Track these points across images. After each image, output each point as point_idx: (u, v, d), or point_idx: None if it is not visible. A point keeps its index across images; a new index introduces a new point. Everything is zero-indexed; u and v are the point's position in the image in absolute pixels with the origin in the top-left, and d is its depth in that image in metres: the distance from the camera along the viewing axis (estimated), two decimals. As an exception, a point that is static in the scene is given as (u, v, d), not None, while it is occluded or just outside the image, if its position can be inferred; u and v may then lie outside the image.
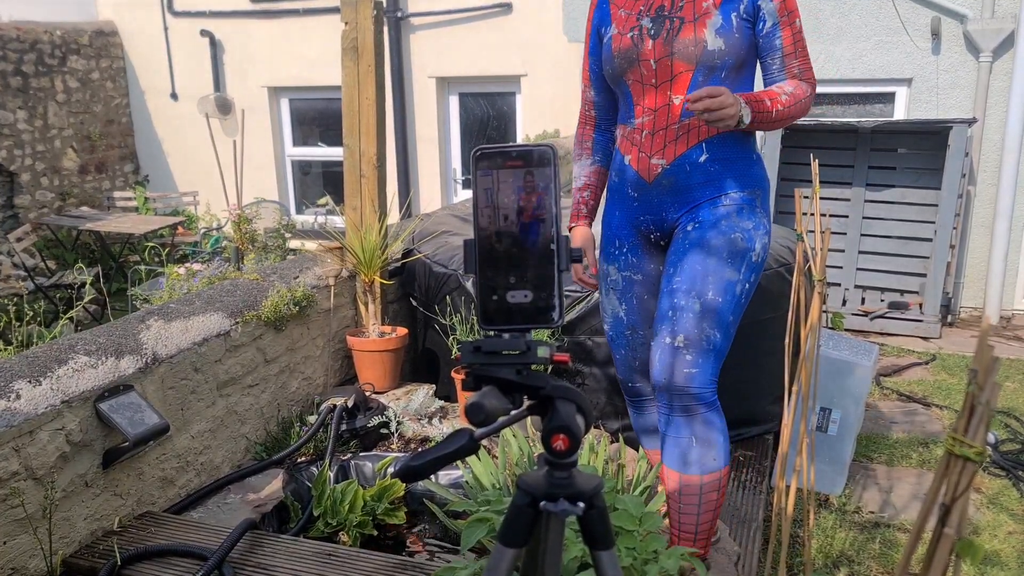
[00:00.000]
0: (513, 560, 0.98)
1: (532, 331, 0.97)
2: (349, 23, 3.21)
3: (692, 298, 1.87)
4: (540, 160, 0.96)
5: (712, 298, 1.87)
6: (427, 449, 0.97)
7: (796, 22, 1.93)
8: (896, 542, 2.74)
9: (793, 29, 1.91)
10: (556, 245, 0.96)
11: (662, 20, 1.90)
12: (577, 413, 0.95)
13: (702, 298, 1.86)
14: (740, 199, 1.94)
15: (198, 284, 3.32)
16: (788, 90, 1.87)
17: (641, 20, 1.93)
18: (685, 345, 1.86)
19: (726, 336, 1.91)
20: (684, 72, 1.88)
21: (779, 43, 1.91)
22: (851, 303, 5.54)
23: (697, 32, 1.86)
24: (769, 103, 1.83)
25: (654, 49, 1.90)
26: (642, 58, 1.91)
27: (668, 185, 1.95)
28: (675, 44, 1.88)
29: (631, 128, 1.99)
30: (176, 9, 7.79)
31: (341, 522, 2.43)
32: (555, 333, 3.04)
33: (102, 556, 2.15)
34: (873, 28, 5.57)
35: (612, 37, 1.97)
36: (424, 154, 7.36)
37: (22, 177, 7.28)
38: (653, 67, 1.91)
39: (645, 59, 1.91)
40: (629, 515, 1.67)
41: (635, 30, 1.93)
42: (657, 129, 1.93)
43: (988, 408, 0.97)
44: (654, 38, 1.90)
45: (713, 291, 1.87)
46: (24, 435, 2.04)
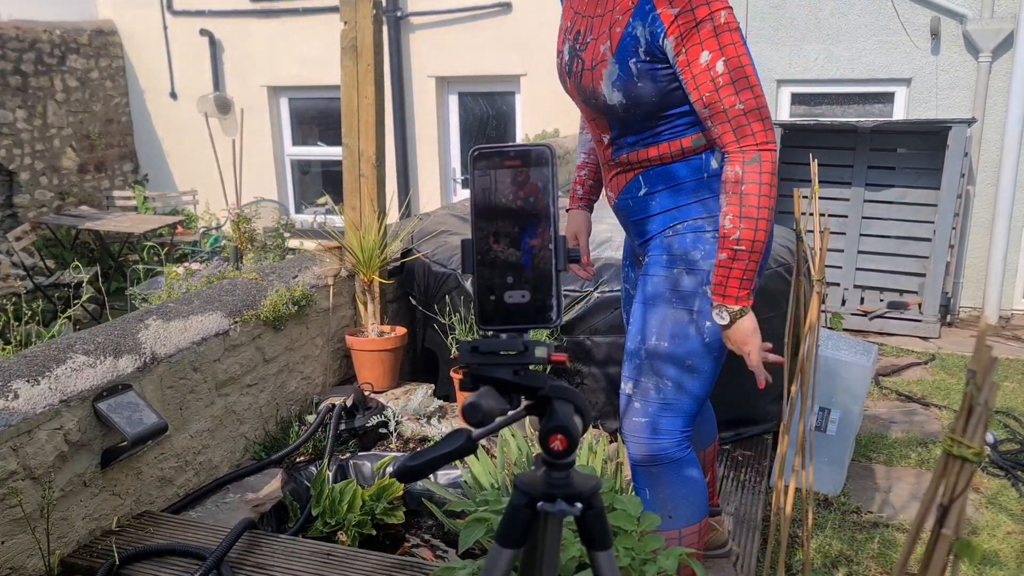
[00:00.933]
0: (511, 560, 0.98)
1: (530, 331, 0.97)
2: (348, 22, 3.21)
3: (638, 343, 1.71)
4: (538, 160, 0.96)
5: (655, 343, 1.68)
6: (425, 449, 0.96)
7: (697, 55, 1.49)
8: (895, 542, 2.74)
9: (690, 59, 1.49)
10: (554, 245, 0.96)
11: (574, 56, 1.68)
12: (575, 413, 0.94)
13: (646, 343, 1.69)
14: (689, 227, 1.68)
15: (197, 283, 3.32)
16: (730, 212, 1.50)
17: (564, 45, 1.72)
18: (633, 394, 1.72)
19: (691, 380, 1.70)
20: (600, 117, 1.69)
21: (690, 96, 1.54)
22: (850, 303, 5.54)
23: (595, 83, 1.61)
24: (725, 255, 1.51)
25: (572, 88, 1.72)
26: (568, 92, 1.76)
27: (623, 217, 1.82)
28: (581, 91, 1.67)
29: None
30: (175, 8, 7.79)
31: (340, 522, 2.43)
32: (553, 333, 3.04)
33: (100, 556, 2.15)
34: (872, 28, 5.57)
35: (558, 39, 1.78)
36: (423, 154, 7.36)
37: (21, 176, 7.28)
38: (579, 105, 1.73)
39: (570, 94, 1.75)
40: (627, 515, 1.67)
41: (561, 56, 1.73)
42: (602, 162, 1.80)
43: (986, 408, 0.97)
44: (569, 76, 1.71)
45: (657, 335, 1.68)
46: (22, 434, 2.04)
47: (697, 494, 1.77)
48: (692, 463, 1.77)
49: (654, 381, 1.70)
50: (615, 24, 1.57)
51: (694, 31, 1.48)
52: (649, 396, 1.70)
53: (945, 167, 5.09)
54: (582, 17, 1.67)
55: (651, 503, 1.76)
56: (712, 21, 1.48)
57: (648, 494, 1.76)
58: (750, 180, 1.49)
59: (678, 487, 1.75)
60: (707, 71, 1.49)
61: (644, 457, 1.73)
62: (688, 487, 1.75)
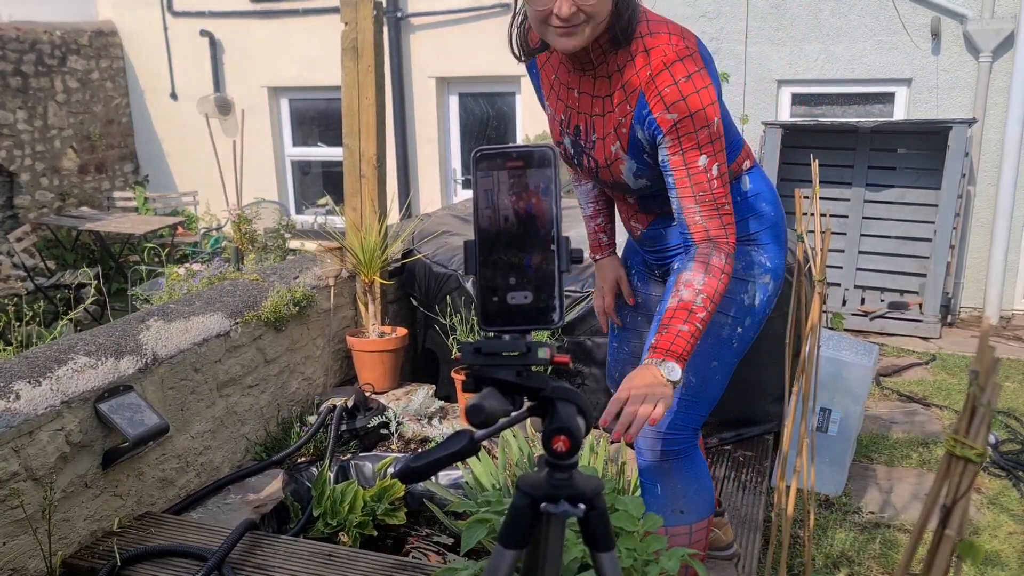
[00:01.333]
0: (513, 561, 0.98)
1: (532, 332, 0.97)
2: (349, 23, 3.21)
3: None
4: (540, 161, 0.96)
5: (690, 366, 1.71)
6: (427, 450, 0.96)
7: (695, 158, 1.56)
8: (896, 542, 2.74)
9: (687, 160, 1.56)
10: (556, 246, 0.96)
11: (580, 152, 1.74)
12: (577, 414, 0.94)
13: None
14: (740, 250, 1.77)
15: (198, 284, 3.32)
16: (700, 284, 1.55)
17: (564, 137, 1.77)
18: None
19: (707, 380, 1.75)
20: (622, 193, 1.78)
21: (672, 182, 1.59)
22: (851, 303, 5.54)
23: (615, 176, 1.70)
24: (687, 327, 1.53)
25: (584, 175, 1.83)
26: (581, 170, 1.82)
27: (651, 244, 1.90)
28: (600, 181, 1.77)
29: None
30: (176, 9, 7.79)
31: (341, 522, 2.43)
32: (555, 334, 3.04)
33: (102, 557, 2.15)
34: (873, 28, 5.57)
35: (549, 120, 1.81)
36: (424, 154, 7.36)
37: (22, 177, 7.28)
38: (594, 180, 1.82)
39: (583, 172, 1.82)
40: (630, 516, 1.67)
41: (562, 145, 1.78)
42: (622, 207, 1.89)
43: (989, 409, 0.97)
44: (579, 165, 1.78)
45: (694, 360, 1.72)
46: (24, 436, 2.04)
47: (706, 490, 1.80)
48: (701, 460, 1.80)
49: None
50: (620, 126, 1.63)
51: (692, 135, 1.55)
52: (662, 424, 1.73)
53: (945, 167, 5.09)
54: (576, 113, 1.70)
55: (662, 499, 1.77)
56: (708, 128, 1.55)
57: (659, 490, 1.77)
58: (717, 269, 1.57)
59: (690, 482, 1.76)
60: (703, 172, 1.57)
61: (657, 453, 1.75)
62: (699, 483, 1.78)
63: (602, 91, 1.64)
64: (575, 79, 1.68)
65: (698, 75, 1.54)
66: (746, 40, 5.85)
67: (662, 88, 1.54)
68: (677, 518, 1.76)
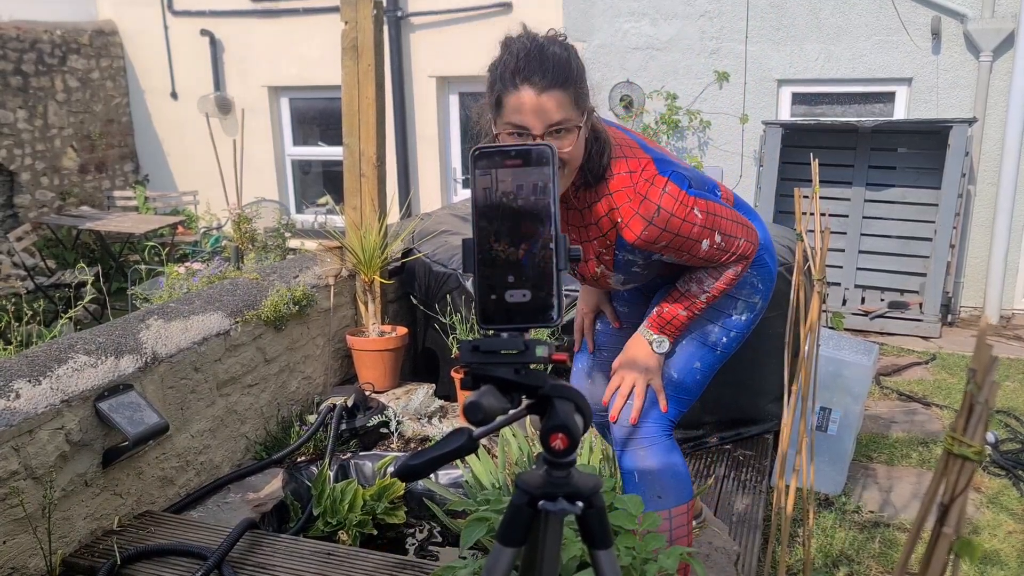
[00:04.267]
0: (512, 559, 0.98)
1: (531, 330, 0.97)
2: (349, 22, 3.21)
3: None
4: (539, 159, 0.96)
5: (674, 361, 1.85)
6: (426, 448, 0.97)
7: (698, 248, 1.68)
8: (896, 541, 2.74)
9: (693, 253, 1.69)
10: (555, 244, 0.96)
11: None
12: (576, 412, 0.95)
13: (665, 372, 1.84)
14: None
15: (198, 283, 3.32)
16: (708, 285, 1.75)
17: None
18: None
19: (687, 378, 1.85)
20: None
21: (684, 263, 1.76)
22: (851, 303, 5.54)
23: (603, 285, 1.83)
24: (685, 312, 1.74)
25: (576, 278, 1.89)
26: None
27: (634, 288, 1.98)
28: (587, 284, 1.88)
29: None
30: (176, 8, 7.79)
31: (341, 521, 2.43)
32: (554, 332, 3.04)
33: (102, 555, 2.15)
34: (873, 28, 5.57)
35: None
36: (424, 154, 7.36)
37: (22, 176, 7.28)
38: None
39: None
40: (628, 514, 1.67)
41: None
42: None
43: (987, 407, 0.97)
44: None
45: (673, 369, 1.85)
46: (24, 434, 2.04)
47: (683, 475, 1.85)
48: (676, 448, 1.86)
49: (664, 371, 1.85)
50: (602, 254, 1.73)
51: (688, 241, 1.67)
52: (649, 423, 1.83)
53: (946, 167, 5.09)
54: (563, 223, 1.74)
55: (640, 485, 1.82)
56: (695, 224, 1.65)
57: (637, 477, 1.82)
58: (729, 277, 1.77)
59: (665, 469, 1.82)
60: (710, 249, 1.70)
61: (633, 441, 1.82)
62: (674, 469, 1.83)
63: (577, 221, 1.72)
64: None
65: (666, 197, 1.62)
66: (746, 39, 5.84)
67: (640, 233, 1.63)
68: (655, 503, 1.82)
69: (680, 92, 6.03)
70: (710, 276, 1.75)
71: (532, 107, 1.48)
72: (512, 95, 1.49)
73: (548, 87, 1.48)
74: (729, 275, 1.76)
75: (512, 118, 1.50)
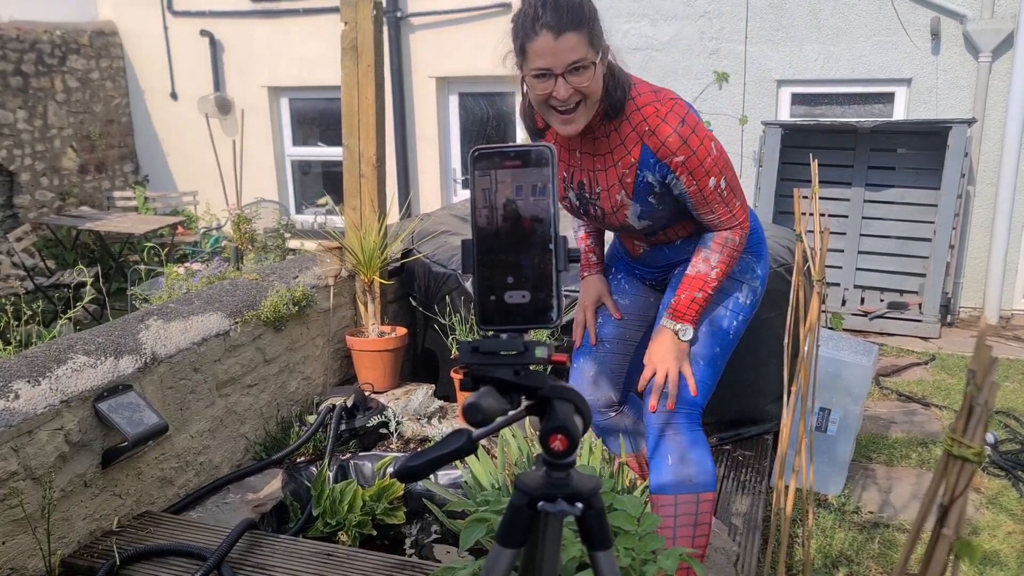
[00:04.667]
0: (511, 560, 0.98)
1: (530, 331, 0.97)
2: (349, 23, 3.21)
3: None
4: (538, 160, 0.96)
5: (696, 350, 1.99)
6: (426, 449, 0.97)
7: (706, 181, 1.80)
8: (895, 542, 2.74)
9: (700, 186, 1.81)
10: (554, 245, 0.96)
11: (586, 203, 1.94)
12: (575, 413, 0.95)
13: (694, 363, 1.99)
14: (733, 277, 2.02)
15: (197, 284, 3.32)
16: (715, 260, 1.89)
17: (568, 192, 1.97)
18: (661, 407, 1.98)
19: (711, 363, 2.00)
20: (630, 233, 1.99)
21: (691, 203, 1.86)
22: (850, 303, 5.54)
23: (621, 220, 1.92)
24: (701, 294, 1.89)
25: (593, 220, 2.00)
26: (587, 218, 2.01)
27: (652, 261, 2.11)
28: (608, 225, 1.99)
29: None
30: (176, 9, 7.79)
31: (340, 522, 2.43)
32: (554, 333, 3.04)
33: (101, 556, 2.15)
34: (872, 28, 5.57)
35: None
36: (424, 154, 7.36)
37: (22, 177, 7.28)
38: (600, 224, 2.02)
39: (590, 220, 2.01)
40: (627, 515, 1.67)
41: (566, 199, 1.99)
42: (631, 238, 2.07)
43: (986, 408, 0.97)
44: (585, 214, 1.99)
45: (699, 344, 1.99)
46: (23, 435, 2.04)
47: (711, 464, 1.95)
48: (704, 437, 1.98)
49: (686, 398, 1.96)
50: (624, 177, 1.84)
51: (700, 167, 1.80)
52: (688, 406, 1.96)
53: (945, 167, 5.09)
54: (579, 170, 1.91)
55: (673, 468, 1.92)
56: (711, 155, 1.80)
57: (670, 460, 1.92)
58: (731, 247, 1.89)
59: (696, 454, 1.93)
60: (715, 190, 1.83)
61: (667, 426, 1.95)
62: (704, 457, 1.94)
63: (602, 150, 1.85)
64: (576, 141, 1.88)
65: (689, 116, 1.78)
66: (746, 40, 5.85)
67: (664, 139, 1.76)
68: (687, 487, 1.92)
69: (680, 93, 6.02)
70: (714, 251, 1.88)
71: (551, 50, 1.65)
72: (533, 42, 1.67)
73: (563, 30, 1.63)
74: (730, 246, 1.88)
75: (535, 63, 1.68)
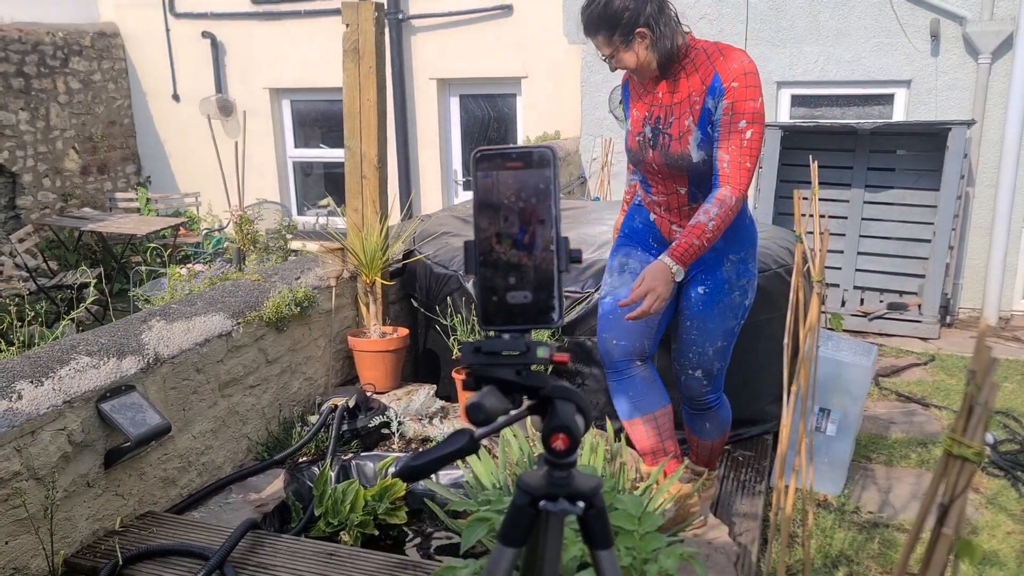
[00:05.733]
0: (513, 559, 0.99)
1: (532, 331, 0.98)
2: (350, 25, 3.22)
3: (707, 346, 2.39)
4: (540, 162, 0.97)
5: (720, 345, 2.41)
6: (428, 449, 0.97)
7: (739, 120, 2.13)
8: (895, 542, 2.75)
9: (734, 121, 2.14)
10: (556, 246, 0.97)
11: (658, 134, 2.28)
12: (576, 413, 0.95)
13: (714, 345, 2.40)
14: (737, 260, 2.36)
15: (200, 285, 3.33)
16: (713, 214, 2.14)
17: (645, 127, 2.31)
18: (703, 376, 2.43)
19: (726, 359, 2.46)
20: (681, 174, 2.29)
21: (718, 132, 2.18)
22: (850, 304, 5.54)
23: (683, 148, 2.23)
24: (698, 241, 2.15)
25: (654, 158, 2.31)
26: (646, 161, 2.34)
27: None
28: (668, 156, 2.27)
29: (651, 198, 2.42)
30: (178, 11, 7.81)
31: (342, 522, 2.44)
32: (555, 334, 3.05)
33: (104, 556, 2.16)
34: (872, 30, 5.58)
35: (628, 132, 2.40)
36: (425, 155, 7.38)
37: (24, 178, 7.29)
38: (655, 169, 2.33)
39: (649, 163, 2.33)
40: (628, 515, 1.68)
41: (640, 136, 2.33)
42: (671, 206, 2.37)
43: (986, 409, 0.98)
44: (653, 148, 2.30)
45: (721, 340, 2.40)
46: (26, 435, 2.05)
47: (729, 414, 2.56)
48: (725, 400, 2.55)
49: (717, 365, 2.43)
50: (694, 104, 2.20)
51: (743, 103, 2.13)
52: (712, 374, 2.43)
53: (945, 168, 5.10)
54: (659, 107, 2.29)
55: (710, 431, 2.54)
56: (755, 101, 2.13)
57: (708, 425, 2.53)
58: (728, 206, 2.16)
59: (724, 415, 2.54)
60: (740, 134, 2.14)
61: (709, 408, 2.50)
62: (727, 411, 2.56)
63: (677, 87, 2.24)
64: (653, 84, 2.29)
65: (753, 64, 2.15)
66: (746, 42, 5.86)
67: (731, 64, 2.14)
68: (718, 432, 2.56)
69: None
70: (713, 206, 2.14)
71: (594, 43, 2.24)
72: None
73: (591, 34, 2.23)
74: (727, 204, 2.14)
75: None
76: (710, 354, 2.40)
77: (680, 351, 2.44)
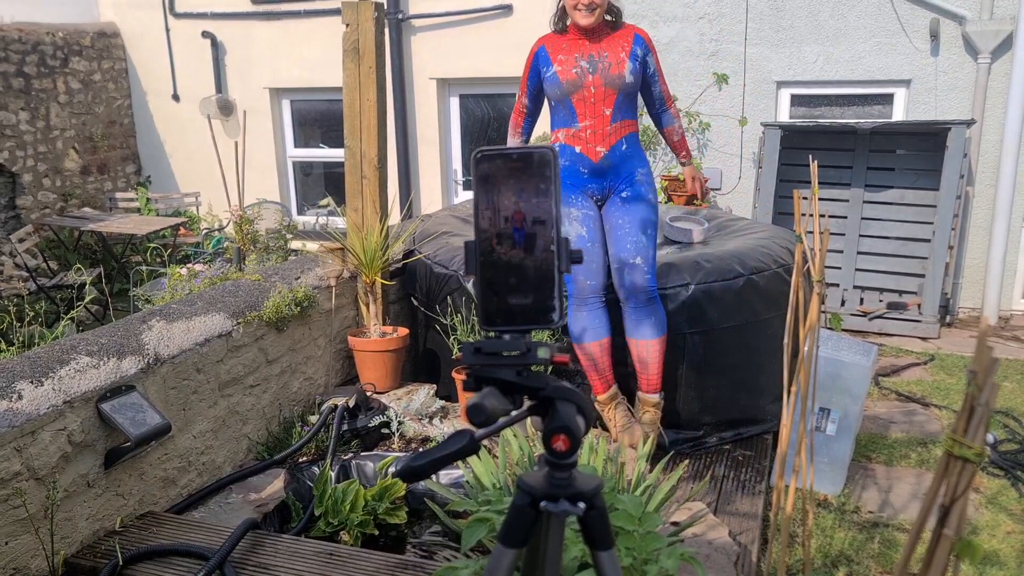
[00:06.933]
0: (513, 560, 0.99)
1: (532, 332, 0.98)
2: (350, 25, 3.22)
3: (640, 235, 2.92)
4: (540, 162, 0.97)
5: (649, 233, 2.95)
6: (428, 449, 0.97)
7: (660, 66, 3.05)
8: (895, 542, 2.75)
9: (659, 68, 3.03)
10: (556, 246, 0.97)
11: (595, 62, 2.89)
12: (577, 414, 0.95)
13: (645, 232, 2.93)
14: (645, 172, 3.00)
15: (200, 285, 3.33)
16: (677, 124, 3.13)
17: (580, 62, 2.89)
18: (643, 263, 2.91)
19: (654, 246, 2.97)
20: (612, 94, 2.89)
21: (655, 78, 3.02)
22: (850, 303, 5.54)
23: (620, 70, 2.89)
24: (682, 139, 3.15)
25: (594, 81, 2.89)
26: (585, 86, 2.89)
27: (608, 164, 2.94)
28: (608, 76, 2.89)
29: (575, 129, 2.92)
30: (178, 10, 7.80)
31: (342, 522, 2.44)
32: (555, 334, 3.05)
33: (104, 556, 2.16)
34: (872, 30, 5.58)
35: (556, 72, 2.91)
36: (425, 155, 7.37)
37: (24, 178, 7.29)
38: (593, 91, 2.89)
39: (587, 86, 2.89)
40: (629, 515, 1.68)
41: (578, 68, 2.89)
42: (597, 130, 2.91)
43: (987, 409, 0.98)
44: (593, 73, 2.89)
45: (650, 228, 2.96)
46: (26, 435, 2.05)
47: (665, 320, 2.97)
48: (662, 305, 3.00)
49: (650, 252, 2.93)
50: (624, 47, 2.92)
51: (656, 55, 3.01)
52: (649, 261, 2.92)
53: (944, 168, 5.10)
54: (587, 50, 2.90)
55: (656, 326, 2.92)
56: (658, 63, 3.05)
57: (654, 319, 2.91)
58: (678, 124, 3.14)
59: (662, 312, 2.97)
60: (663, 84, 3.07)
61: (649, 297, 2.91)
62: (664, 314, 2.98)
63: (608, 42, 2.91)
64: (582, 42, 2.91)
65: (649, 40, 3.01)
66: (745, 41, 5.86)
67: (646, 38, 2.95)
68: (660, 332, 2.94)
69: (679, 94, 6.04)
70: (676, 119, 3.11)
71: None
72: None
73: None
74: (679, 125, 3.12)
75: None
76: (644, 241, 2.92)
77: (619, 247, 2.92)
